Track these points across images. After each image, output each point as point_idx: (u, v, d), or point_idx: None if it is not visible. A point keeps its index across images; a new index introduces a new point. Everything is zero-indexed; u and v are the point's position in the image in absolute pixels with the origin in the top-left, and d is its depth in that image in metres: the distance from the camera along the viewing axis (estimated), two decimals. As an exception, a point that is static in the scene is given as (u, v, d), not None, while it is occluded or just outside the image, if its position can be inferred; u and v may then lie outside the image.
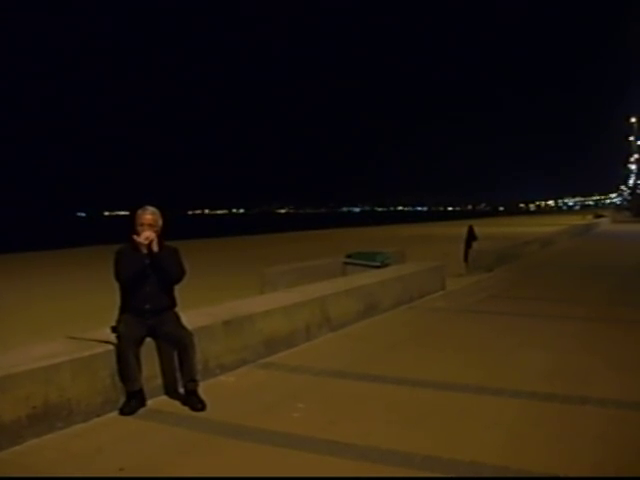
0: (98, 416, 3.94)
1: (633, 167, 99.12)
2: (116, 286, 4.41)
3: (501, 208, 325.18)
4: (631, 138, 79.60)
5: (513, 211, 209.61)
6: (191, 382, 4.21)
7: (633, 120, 71.21)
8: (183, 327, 4.32)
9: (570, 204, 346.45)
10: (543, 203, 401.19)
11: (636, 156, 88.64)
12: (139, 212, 4.36)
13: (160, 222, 4.42)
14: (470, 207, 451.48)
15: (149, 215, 4.34)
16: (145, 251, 4.28)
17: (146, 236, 4.25)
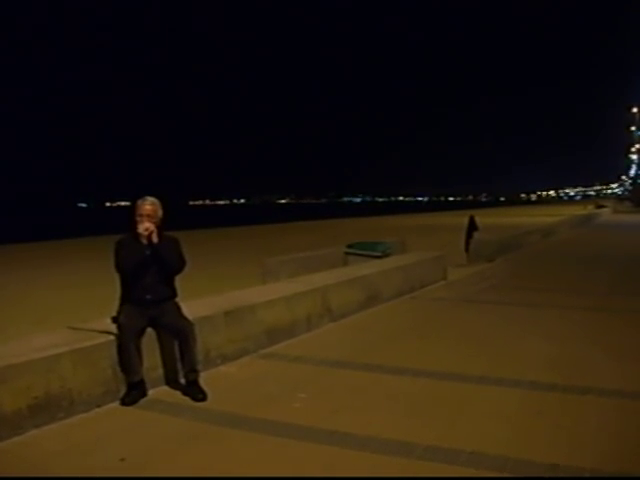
0: (99, 406, 3.95)
1: (634, 157, 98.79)
2: (116, 277, 4.40)
3: (502, 198, 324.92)
4: (632, 128, 79.24)
5: (514, 201, 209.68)
6: (192, 372, 4.22)
7: (635, 110, 70.89)
8: (184, 317, 4.31)
9: (571, 194, 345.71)
10: (544, 193, 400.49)
11: (637, 146, 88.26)
12: (138, 202, 4.33)
13: (160, 213, 4.39)
14: (471, 197, 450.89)
15: (148, 205, 4.31)
16: (145, 242, 4.27)
17: (145, 227, 4.23)
